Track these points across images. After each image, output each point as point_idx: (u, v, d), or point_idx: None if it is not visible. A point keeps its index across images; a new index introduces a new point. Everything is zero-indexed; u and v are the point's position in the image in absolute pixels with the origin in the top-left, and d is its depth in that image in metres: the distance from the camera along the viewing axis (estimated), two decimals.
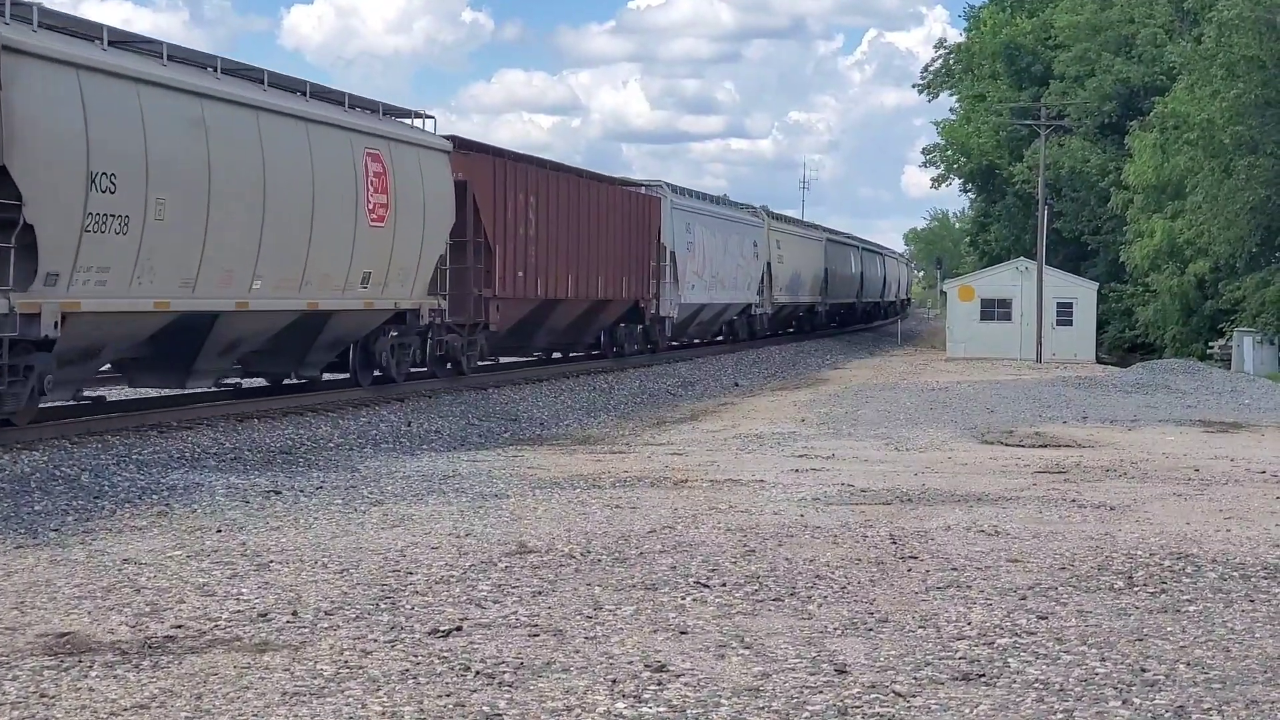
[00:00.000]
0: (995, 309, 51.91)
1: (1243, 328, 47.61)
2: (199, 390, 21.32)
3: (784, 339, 57.59)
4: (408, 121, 25.04)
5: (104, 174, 16.50)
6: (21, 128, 15.38)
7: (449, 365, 27.16)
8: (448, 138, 26.42)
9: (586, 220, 32.87)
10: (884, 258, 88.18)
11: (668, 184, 41.20)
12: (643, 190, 39.41)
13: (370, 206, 22.32)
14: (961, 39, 77.71)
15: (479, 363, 28.66)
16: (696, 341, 47.79)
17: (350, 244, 21.87)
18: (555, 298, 31.26)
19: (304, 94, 21.42)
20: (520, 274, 28.86)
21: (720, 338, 50.05)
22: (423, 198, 24.11)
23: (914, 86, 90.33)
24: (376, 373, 24.45)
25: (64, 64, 16.20)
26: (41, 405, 17.02)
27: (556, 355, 36.13)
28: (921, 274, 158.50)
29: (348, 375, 24.49)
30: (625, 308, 36.48)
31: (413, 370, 25.84)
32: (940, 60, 78.27)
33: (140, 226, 17.08)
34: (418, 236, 23.99)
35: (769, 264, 51.71)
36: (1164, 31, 57.57)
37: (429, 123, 25.56)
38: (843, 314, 73.15)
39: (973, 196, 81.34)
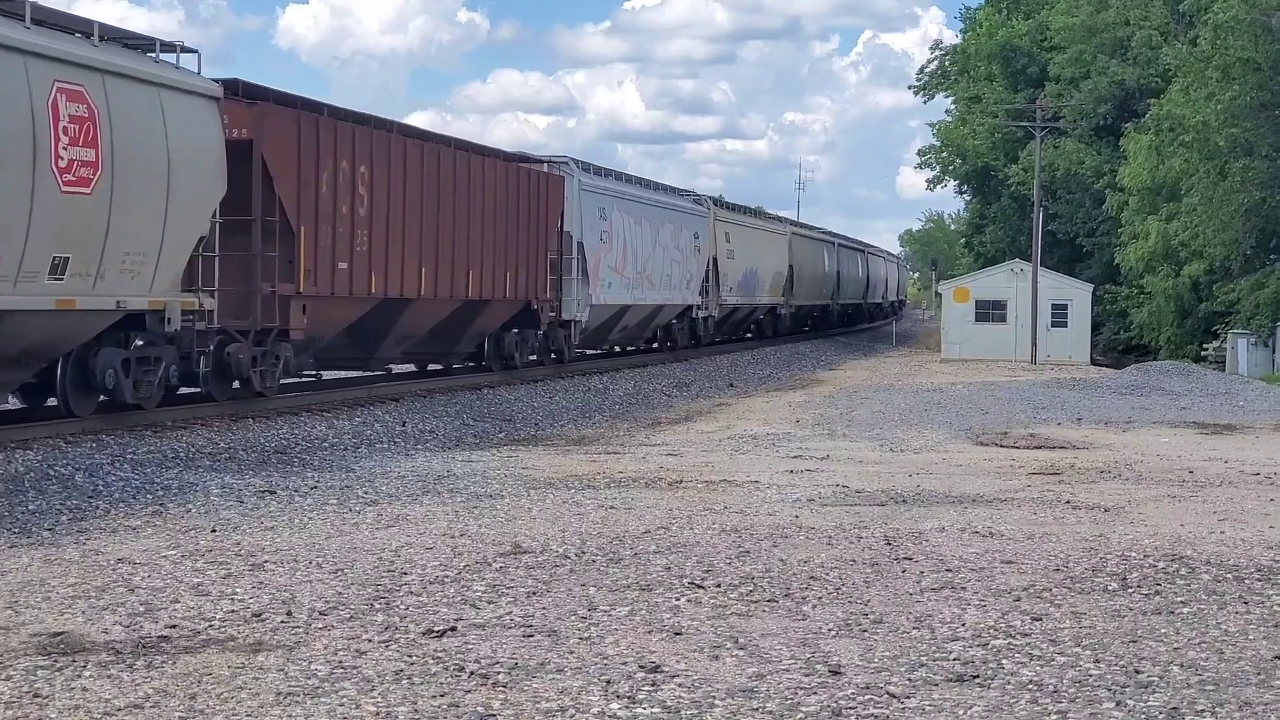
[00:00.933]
0: (990, 310, 51.91)
1: (1237, 330, 47.66)
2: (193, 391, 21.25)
3: (743, 345, 52.07)
4: (153, 56, 18.12)
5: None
6: None
7: (235, 384, 20.95)
8: (223, 81, 19.84)
9: (454, 200, 25.80)
10: (866, 255, 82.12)
11: (575, 160, 33.84)
12: (542, 167, 31.82)
13: (63, 164, 15.74)
14: (957, 40, 77.81)
15: (285, 379, 22.35)
16: (621, 350, 40.82)
17: (25, 216, 15.27)
18: (402, 297, 24.24)
19: None
20: (343, 265, 22.15)
21: (655, 345, 42.57)
22: (167, 156, 17.56)
23: (910, 88, 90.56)
24: (102, 398, 18.07)
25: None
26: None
27: (420, 368, 29.49)
28: (916, 275, 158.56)
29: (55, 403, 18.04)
30: (515, 310, 29.29)
31: (180, 391, 20.39)
32: (936, 62, 78.35)
33: None
34: (157, 210, 17.42)
35: (714, 259, 44.59)
36: (1159, 33, 57.62)
37: (189, 59, 19.05)
38: (815, 317, 67.40)
39: (968, 198, 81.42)
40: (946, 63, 77.11)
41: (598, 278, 33.57)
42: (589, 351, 37.65)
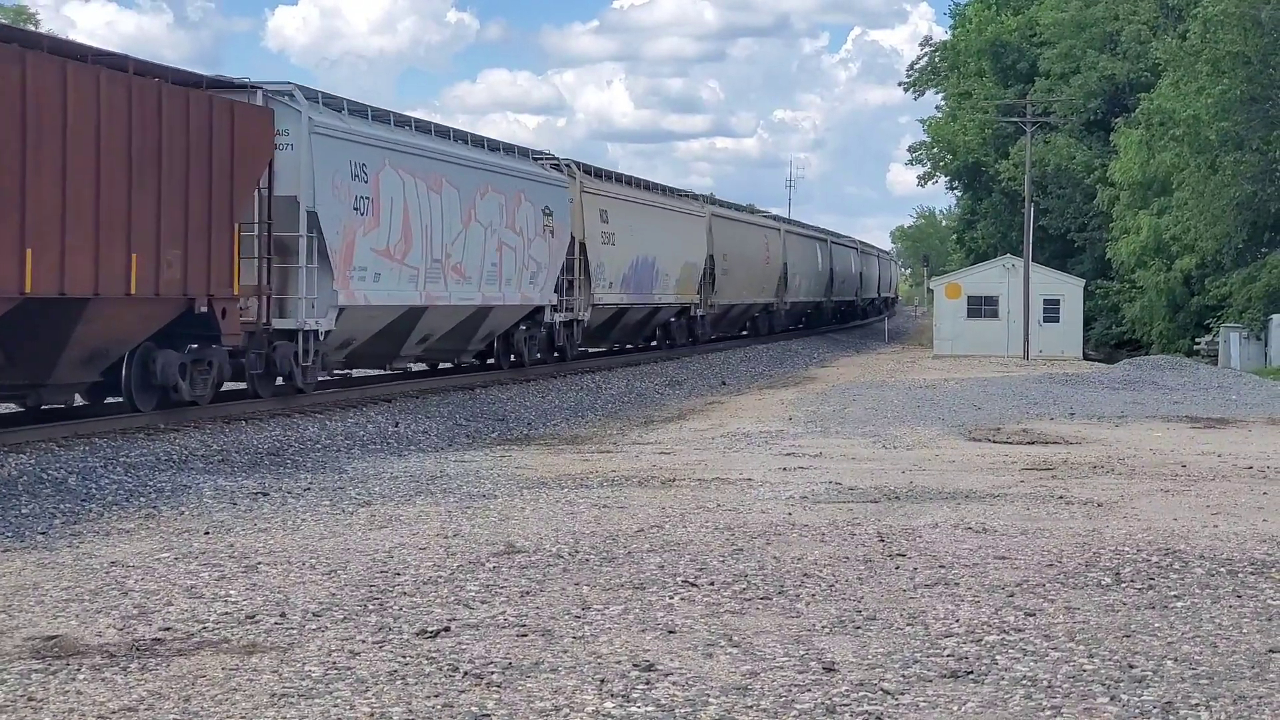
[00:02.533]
0: (982, 306, 51.95)
1: (1229, 323, 47.72)
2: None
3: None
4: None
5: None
6: None
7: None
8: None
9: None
10: (830, 244, 70.76)
11: (309, 90, 22.78)
12: (247, 96, 20.97)
13: None
14: (947, 36, 77.88)
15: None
16: (430, 369, 29.74)
17: None
18: None
19: None
20: None
21: (493, 362, 30.62)
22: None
23: (900, 84, 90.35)
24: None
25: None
26: None
27: None
28: (909, 272, 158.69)
29: None
30: (178, 310, 18.53)
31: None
32: (926, 58, 78.45)
33: None
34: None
35: (581, 245, 32.87)
36: (1148, 28, 57.68)
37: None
38: (754, 319, 55.62)
39: (959, 194, 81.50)
40: (936, 59, 77.23)
41: (348, 266, 22.50)
42: (325, 376, 24.39)
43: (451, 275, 25.95)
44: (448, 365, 29.88)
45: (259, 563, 10.46)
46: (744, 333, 55.50)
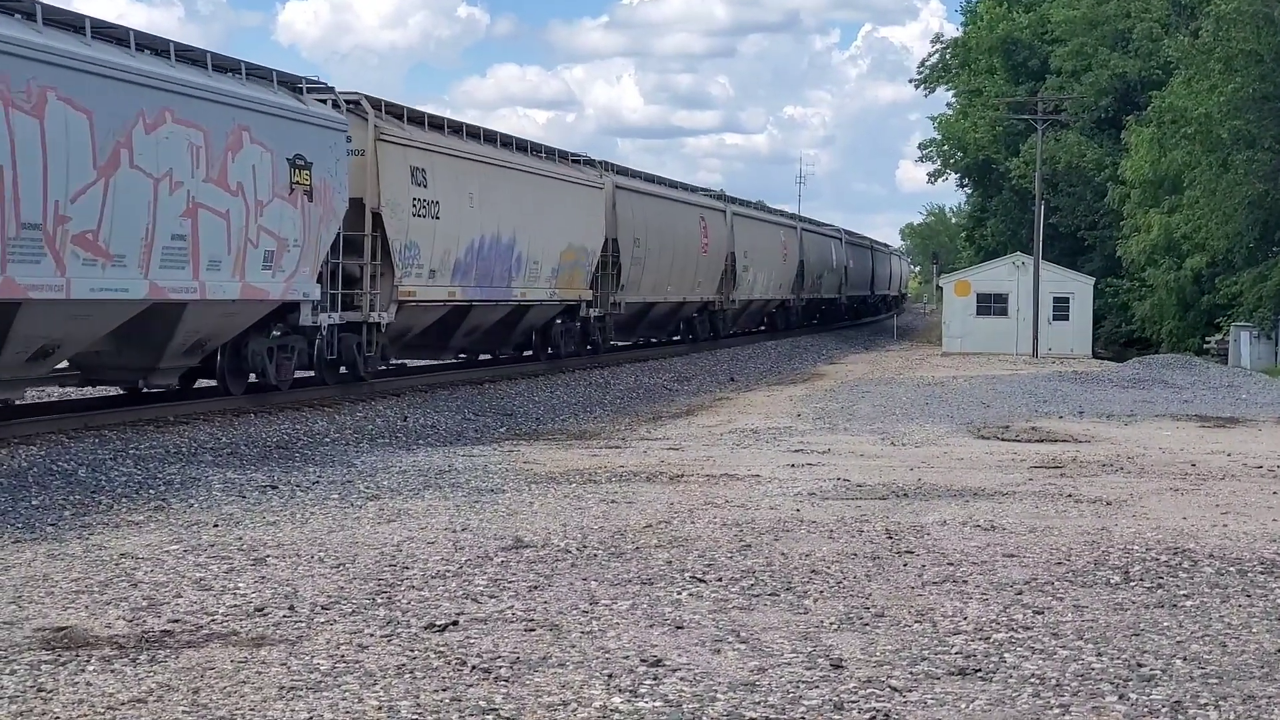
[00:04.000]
0: (992, 304, 51.85)
1: (1239, 322, 47.60)
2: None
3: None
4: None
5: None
6: None
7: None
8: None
9: None
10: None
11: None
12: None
13: None
14: (958, 33, 77.72)
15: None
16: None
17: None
18: None
19: None
20: None
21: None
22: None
23: (910, 81, 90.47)
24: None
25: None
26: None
27: None
28: (918, 269, 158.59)
29: None
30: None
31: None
32: (937, 55, 78.28)
33: None
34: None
35: (381, 220, 23.66)
36: (1160, 26, 57.53)
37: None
38: (690, 321, 44.60)
39: (969, 191, 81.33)
40: (947, 56, 77.02)
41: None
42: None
43: (122, 262, 18.98)
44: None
45: (268, 556, 10.47)
46: (673, 338, 44.19)
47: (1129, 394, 30.71)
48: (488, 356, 31.43)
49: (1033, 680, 7.33)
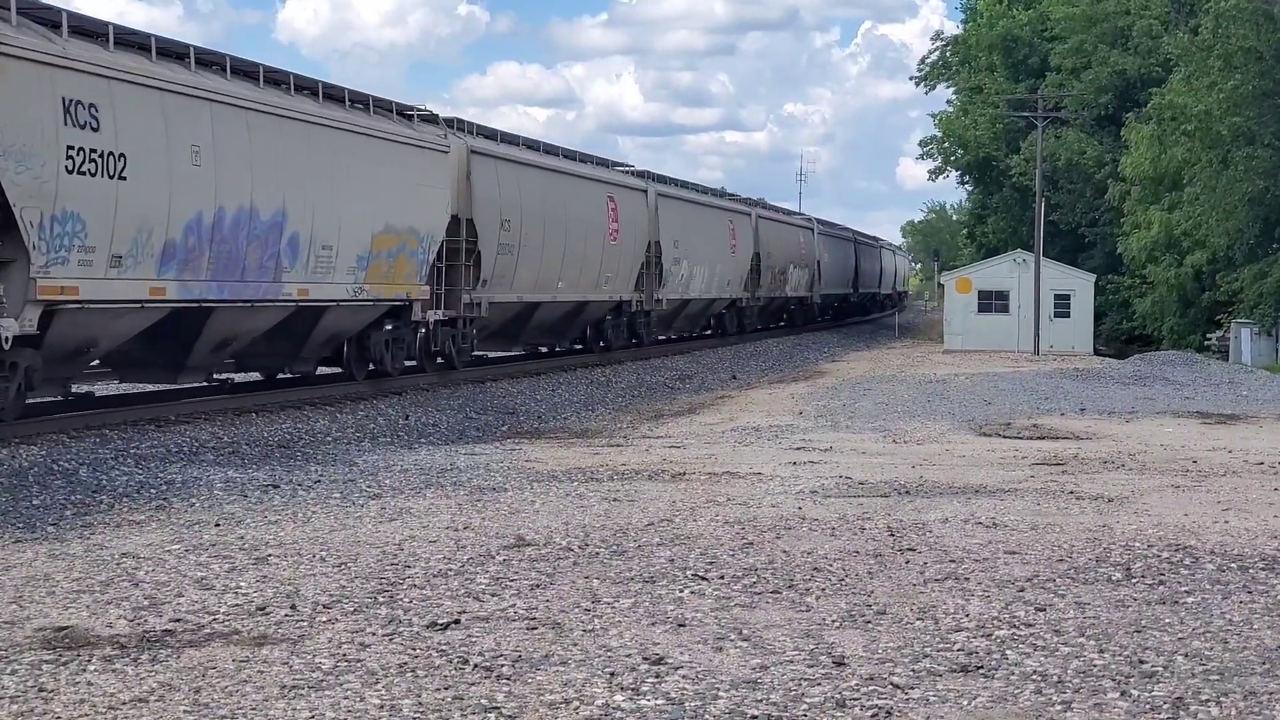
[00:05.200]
0: (993, 301, 51.82)
1: (1240, 319, 47.60)
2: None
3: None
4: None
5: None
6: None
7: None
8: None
9: None
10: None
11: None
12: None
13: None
14: (958, 31, 77.71)
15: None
16: None
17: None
18: None
19: None
20: None
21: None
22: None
23: (911, 79, 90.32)
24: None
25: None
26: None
27: None
28: (919, 266, 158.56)
29: None
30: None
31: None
32: (937, 52, 78.29)
33: None
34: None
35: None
36: (1159, 23, 57.53)
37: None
38: (600, 327, 36.46)
39: (970, 189, 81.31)
40: (948, 53, 77.02)
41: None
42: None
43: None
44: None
45: (269, 555, 10.47)
46: (575, 347, 36.67)
47: (1130, 391, 30.71)
48: (266, 380, 23.99)
49: (1035, 677, 7.33)
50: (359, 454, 17.55)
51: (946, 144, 77.04)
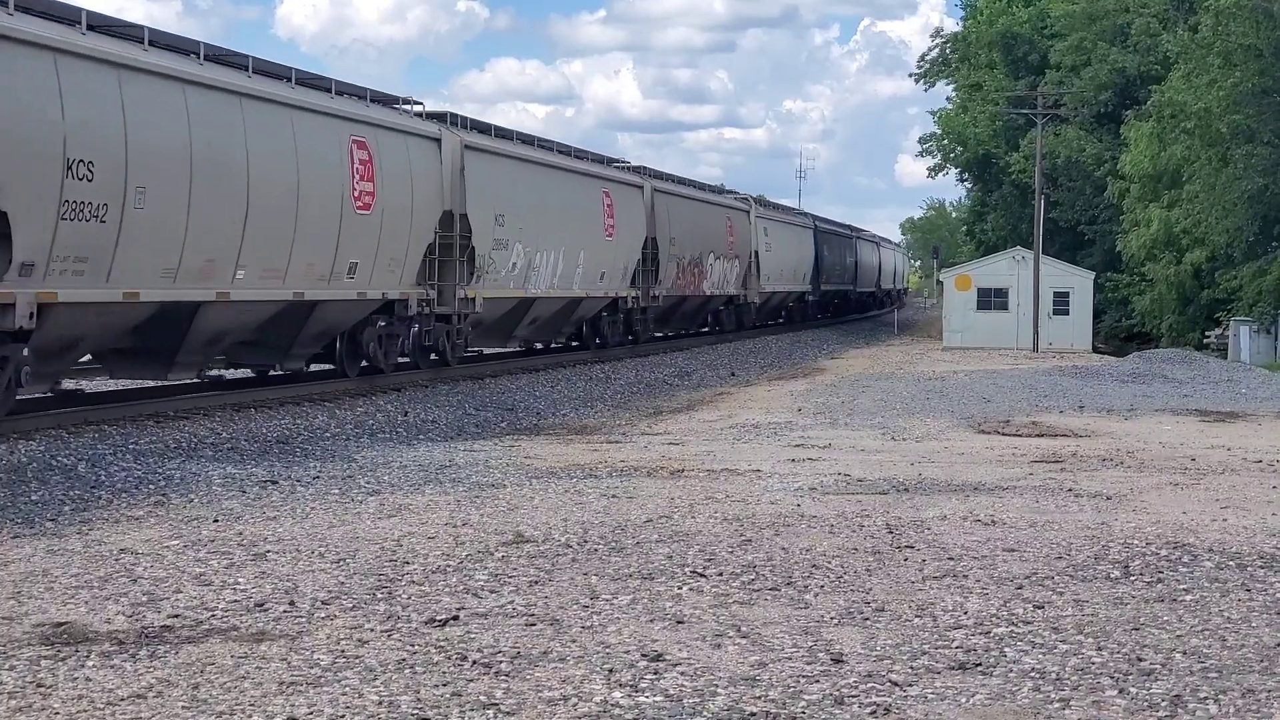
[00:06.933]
0: (992, 298, 51.86)
1: (1239, 317, 47.61)
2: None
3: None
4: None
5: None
6: None
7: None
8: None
9: None
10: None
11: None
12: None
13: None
14: (958, 28, 77.71)
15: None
16: None
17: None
18: None
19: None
20: None
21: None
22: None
23: (910, 76, 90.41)
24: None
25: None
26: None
27: None
28: (918, 264, 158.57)
29: None
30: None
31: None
32: (937, 49, 78.28)
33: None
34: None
35: None
36: (1158, 20, 57.52)
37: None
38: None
39: (969, 186, 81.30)
40: (947, 50, 77.03)
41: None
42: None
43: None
44: None
45: (268, 551, 10.47)
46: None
47: (1129, 389, 30.71)
48: None
49: (1033, 674, 7.33)
50: (357, 450, 17.54)
51: (946, 141, 77.11)
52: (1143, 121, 51.98)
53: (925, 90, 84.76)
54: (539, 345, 34.88)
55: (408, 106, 25.98)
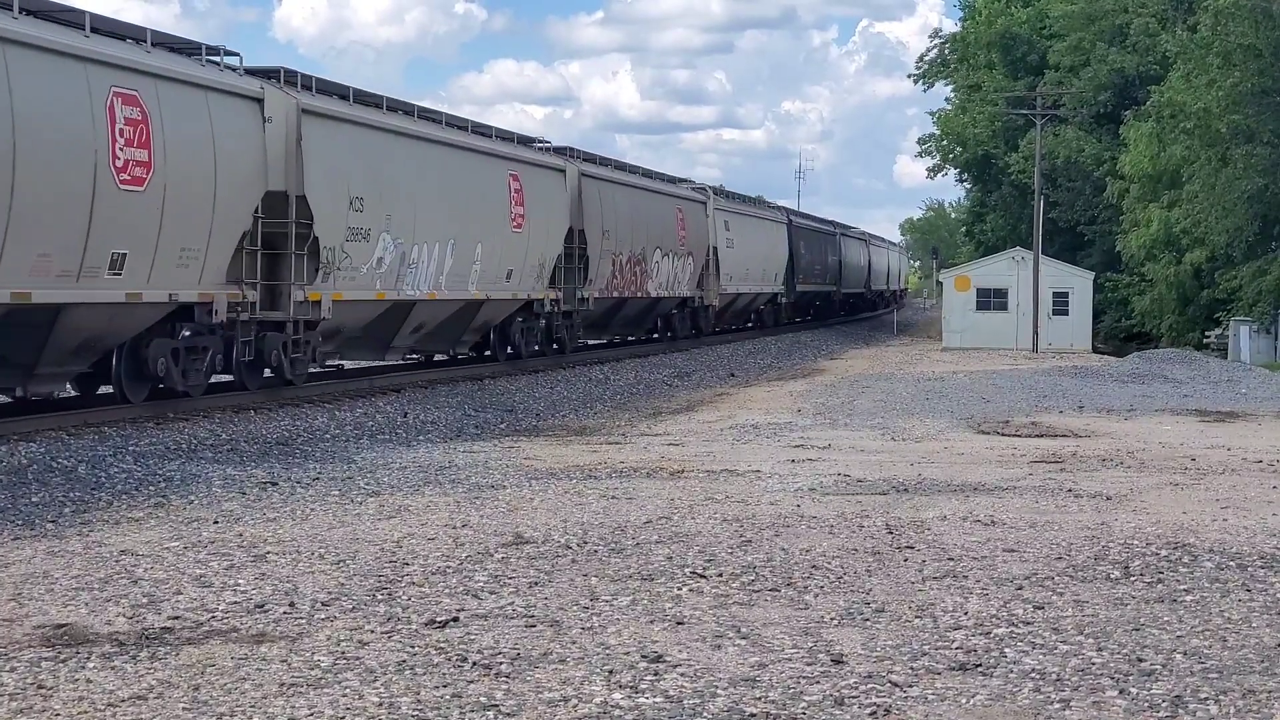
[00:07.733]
0: (991, 299, 51.86)
1: (1239, 317, 47.61)
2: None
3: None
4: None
5: None
6: None
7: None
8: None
9: None
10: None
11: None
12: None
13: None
14: (957, 29, 77.72)
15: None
16: None
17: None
18: None
19: None
20: None
21: None
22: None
23: (909, 76, 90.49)
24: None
25: None
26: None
27: None
28: (918, 264, 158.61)
29: None
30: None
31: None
32: (936, 50, 78.32)
33: None
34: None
35: None
36: (1157, 21, 57.54)
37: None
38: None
39: (969, 186, 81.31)
40: (946, 51, 77.06)
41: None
42: None
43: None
44: None
45: (268, 552, 10.47)
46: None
47: (1129, 389, 30.71)
48: None
49: (1033, 675, 7.33)
50: (357, 451, 17.55)
51: (945, 142, 77.08)
52: (1142, 122, 52.00)
53: (924, 91, 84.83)
54: (437, 357, 29.91)
55: (215, 58, 19.88)
